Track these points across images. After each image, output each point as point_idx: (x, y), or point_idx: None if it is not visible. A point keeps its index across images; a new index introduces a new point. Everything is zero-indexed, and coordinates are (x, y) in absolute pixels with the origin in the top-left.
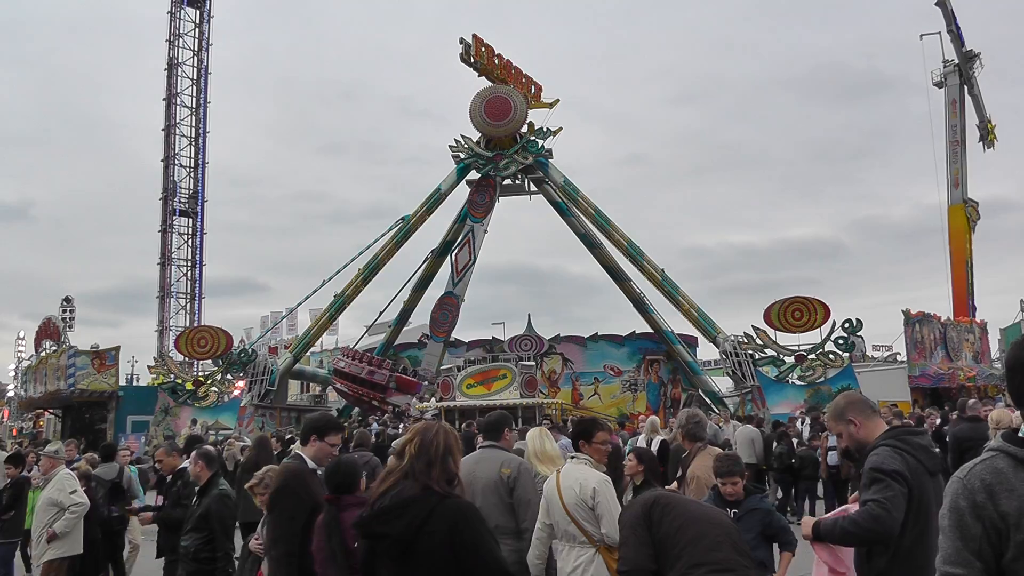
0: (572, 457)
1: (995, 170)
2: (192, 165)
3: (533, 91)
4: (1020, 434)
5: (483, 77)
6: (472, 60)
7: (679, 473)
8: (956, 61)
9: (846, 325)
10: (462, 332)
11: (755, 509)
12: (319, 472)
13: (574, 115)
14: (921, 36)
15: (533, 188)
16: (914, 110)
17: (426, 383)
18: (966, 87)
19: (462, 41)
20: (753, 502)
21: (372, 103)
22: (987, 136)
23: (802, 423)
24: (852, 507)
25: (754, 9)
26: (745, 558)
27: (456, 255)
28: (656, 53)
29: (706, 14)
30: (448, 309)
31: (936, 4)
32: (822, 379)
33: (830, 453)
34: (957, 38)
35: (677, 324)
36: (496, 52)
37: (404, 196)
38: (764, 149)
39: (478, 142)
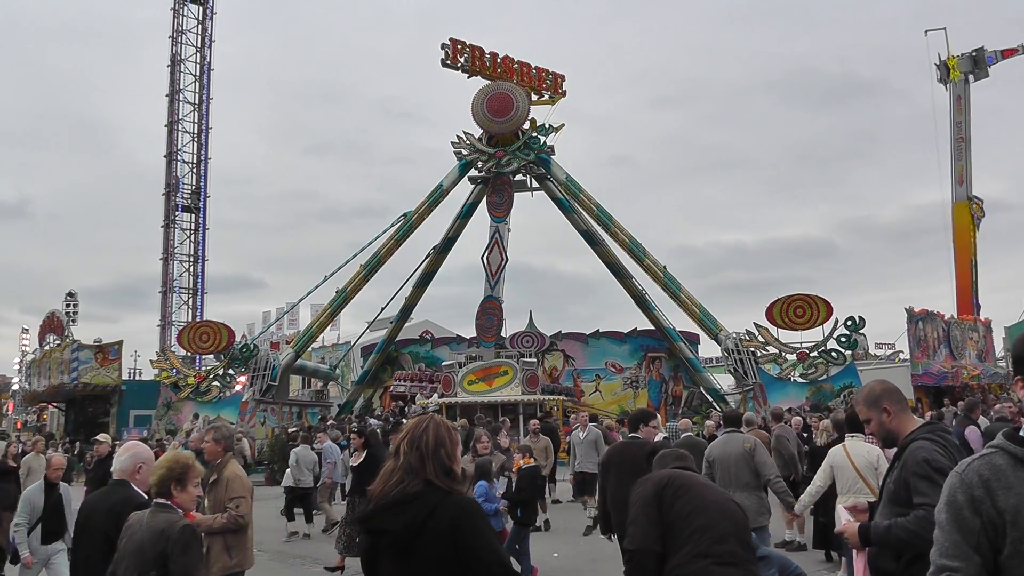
0: (852, 436)
1: (1000, 169)
2: (195, 161)
3: (552, 81)
4: (1021, 433)
5: (475, 77)
6: (457, 64)
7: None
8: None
9: (848, 323)
10: (464, 328)
11: None
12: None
13: (558, 117)
14: (926, 32)
15: (535, 185)
16: (895, 112)
17: None
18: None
19: (443, 47)
20: None
21: (356, 105)
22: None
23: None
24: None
25: (732, 14)
26: (749, 552)
27: (487, 258)
28: (638, 57)
29: (686, 19)
30: (492, 313)
31: None
32: (824, 377)
33: None
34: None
35: (679, 321)
36: (488, 51)
37: (393, 195)
38: (748, 151)
39: (480, 138)
